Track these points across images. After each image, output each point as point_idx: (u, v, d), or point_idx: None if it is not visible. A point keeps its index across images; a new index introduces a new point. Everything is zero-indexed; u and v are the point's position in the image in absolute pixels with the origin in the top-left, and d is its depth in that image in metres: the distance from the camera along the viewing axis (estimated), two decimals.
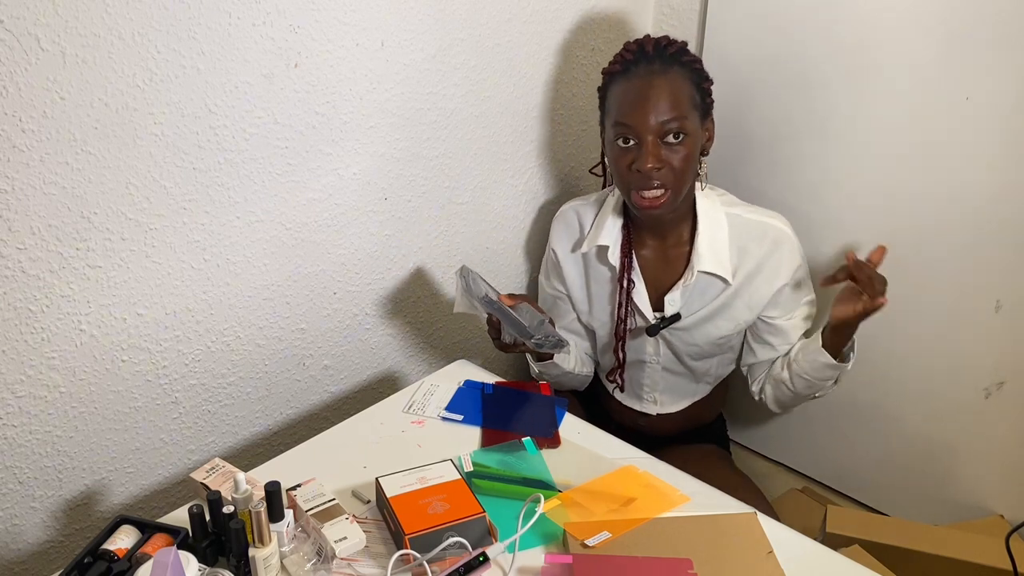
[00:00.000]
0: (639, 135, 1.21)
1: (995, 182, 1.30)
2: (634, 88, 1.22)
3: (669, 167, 1.22)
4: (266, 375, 1.32)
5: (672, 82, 1.21)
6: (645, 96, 1.20)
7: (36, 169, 0.96)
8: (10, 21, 0.89)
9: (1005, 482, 1.45)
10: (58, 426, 1.10)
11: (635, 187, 1.24)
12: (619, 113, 1.23)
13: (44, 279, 1.02)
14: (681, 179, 1.24)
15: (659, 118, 1.20)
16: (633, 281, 1.36)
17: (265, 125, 1.15)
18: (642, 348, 1.43)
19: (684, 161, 1.23)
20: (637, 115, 1.21)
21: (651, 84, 1.21)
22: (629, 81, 1.23)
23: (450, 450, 1.15)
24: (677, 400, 1.50)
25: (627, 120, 1.22)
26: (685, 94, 1.22)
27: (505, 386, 1.32)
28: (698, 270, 1.31)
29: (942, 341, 1.44)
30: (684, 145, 1.22)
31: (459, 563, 0.91)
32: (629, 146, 1.23)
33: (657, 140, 1.21)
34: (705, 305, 1.35)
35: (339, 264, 1.34)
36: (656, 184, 1.22)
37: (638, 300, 1.37)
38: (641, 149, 1.22)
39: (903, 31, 1.32)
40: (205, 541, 0.93)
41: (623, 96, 1.24)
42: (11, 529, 1.10)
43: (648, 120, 1.20)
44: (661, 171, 1.22)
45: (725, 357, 1.47)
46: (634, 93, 1.22)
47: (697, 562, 0.95)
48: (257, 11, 1.08)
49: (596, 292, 1.42)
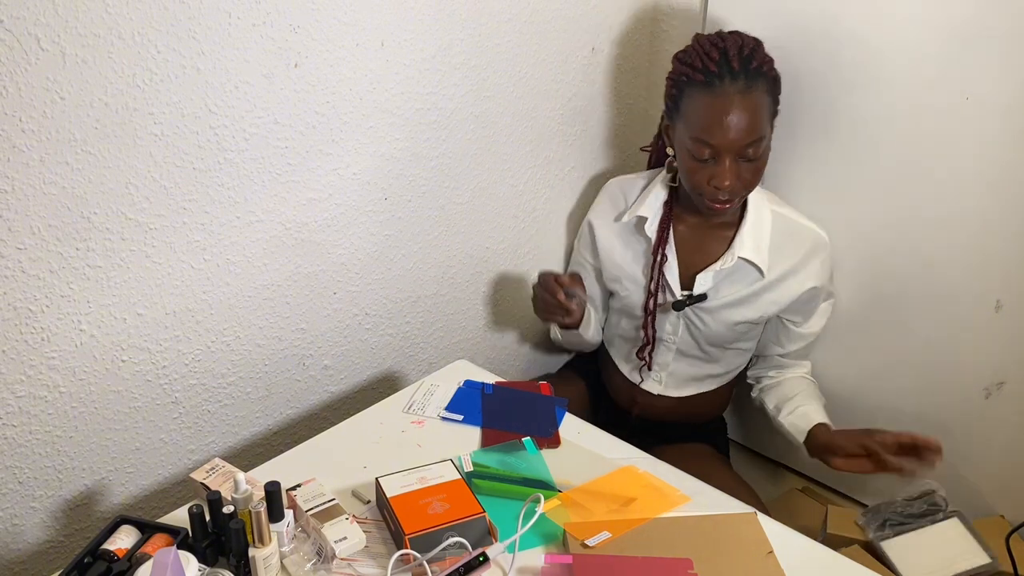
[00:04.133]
0: (718, 154, 1.24)
1: (995, 182, 1.30)
2: (717, 106, 1.21)
3: (742, 182, 1.26)
4: (266, 375, 1.32)
5: (756, 101, 1.22)
6: (729, 116, 1.21)
7: (36, 169, 0.96)
8: (10, 21, 0.89)
9: (1006, 482, 1.45)
10: (58, 426, 1.10)
11: (708, 196, 1.28)
12: (700, 129, 1.23)
13: (44, 279, 1.02)
14: (751, 188, 1.30)
15: (741, 140, 1.22)
16: (666, 256, 1.39)
17: (265, 125, 1.15)
18: (662, 325, 1.45)
19: (755, 175, 1.28)
20: (719, 136, 1.22)
21: (735, 104, 1.21)
22: (712, 97, 1.22)
23: (450, 450, 1.15)
24: (682, 385, 1.51)
25: (708, 139, 1.23)
26: (765, 111, 1.25)
27: (505, 386, 1.32)
28: (738, 256, 1.34)
29: (942, 341, 1.44)
30: (758, 161, 1.26)
31: (459, 563, 0.92)
32: (706, 160, 1.25)
33: (736, 159, 1.24)
34: (734, 292, 1.38)
35: (339, 264, 1.34)
36: (726, 198, 1.27)
37: (668, 275, 1.40)
38: (718, 165, 1.24)
39: (903, 31, 1.32)
40: (205, 541, 0.93)
41: (705, 112, 1.23)
42: (11, 529, 1.10)
43: (730, 141, 1.22)
44: (736, 187, 1.26)
45: (740, 348, 1.48)
46: (718, 112, 1.21)
47: (697, 562, 0.96)
48: (257, 11, 1.08)
49: (630, 264, 1.45)
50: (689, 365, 1.49)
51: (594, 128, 1.65)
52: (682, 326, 1.44)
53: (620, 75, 1.64)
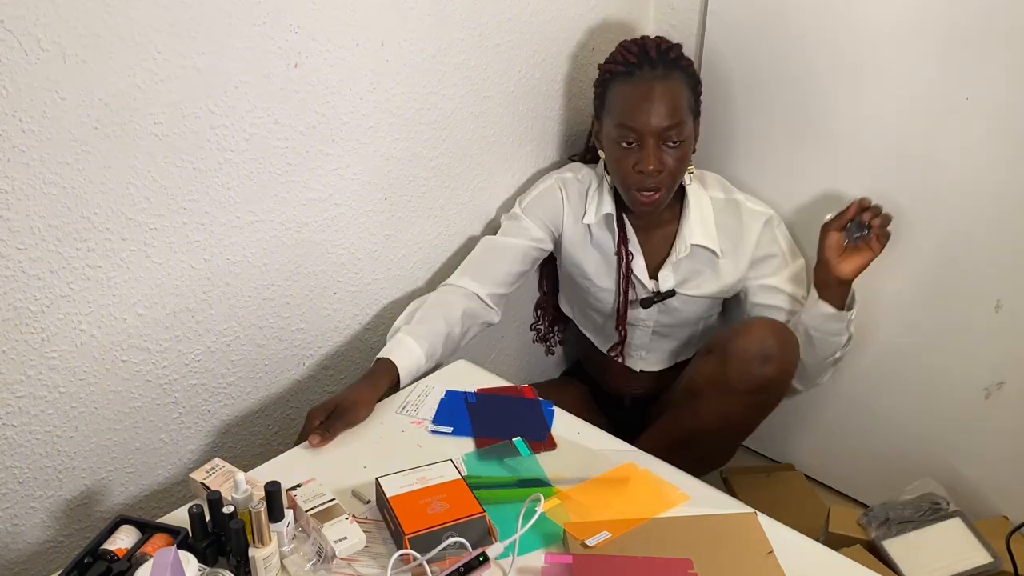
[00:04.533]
0: (641, 138, 1.30)
1: (995, 182, 1.30)
2: (639, 92, 1.29)
3: (666, 169, 1.31)
4: (266, 375, 1.32)
5: (673, 88, 1.30)
6: (649, 101, 1.28)
7: (36, 169, 0.96)
8: (10, 21, 0.89)
9: (1008, 483, 1.45)
10: (58, 426, 1.10)
11: (635, 186, 1.33)
12: (623, 115, 1.30)
13: (44, 279, 1.02)
14: (675, 179, 1.34)
15: (662, 123, 1.28)
16: (631, 253, 1.43)
17: (265, 125, 1.15)
18: (636, 313, 1.49)
19: (680, 163, 1.32)
20: (641, 119, 1.28)
21: (654, 89, 1.28)
22: (634, 85, 1.30)
23: (450, 450, 1.15)
24: (660, 361, 1.57)
25: (631, 123, 1.29)
26: (684, 99, 1.31)
27: (487, 393, 1.29)
28: (691, 243, 1.40)
29: (942, 341, 1.44)
30: (680, 148, 1.31)
31: (459, 563, 0.91)
32: (631, 147, 1.31)
33: (658, 143, 1.30)
34: (697, 276, 1.44)
35: (339, 264, 1.34)
36: (653, 185, 1.32)
37: (637, 271, 1.44)
38: (643, 151, 1.30)
39: (903, 31, 1.32)
40: (205, 541, 0.93)
41: (627, 98, 1.31)
42: (11, 529, 1.10)
43: (651, 124, 1.28)
44: (660, 174, 1.30)
45: (709, 319, 1.54)
46: (639, 97, 1.29)
47: (697, 562, 0.95)
48: (257, 11, 1.08)
49: (598, 262, 1.47)
50: (667, 343, 1.54)
51: None
52: (655, 311, 1.48)
53: None
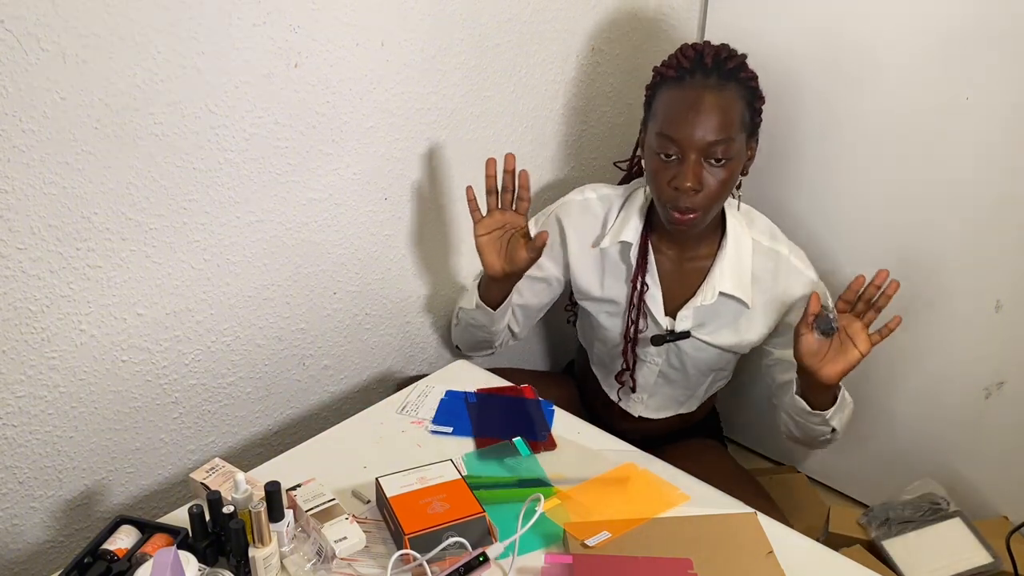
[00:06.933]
0: (682, 151, 1.16)
1: (995, 182, 1.30)
2: (685, 100, 1.16)
3: (706, 189, 1.17)
4: (266, 375, 1.32)
5: (726, 100, 1.16)
6: (696, 111, 1.14)
7: (36, 169, 0.96)
8: (10, 21, 0.89)
9: (1008, 483, 1.45)
10: (58, 426, 1.10)
11: (670, 203, 1.19)
12: (665, 124, 1.17)
13: (44, 279, 1.02)
14: (715, 202, 1.19)
15: (706, 136, 1.14)
16: (647, 284, 1.31)
17: (265, 125, 1.15)
18: (645, 349, 1.39)
19: (723, 185, 1.18)
20: (684, 130, 1.15)
21: (703, 99, 1.15)
22: (682, 91, 1.17)
23: (450, 450, 1.15)
24: (662, 408, 1.47)
25: (672, 133, 1.16)
26: (736, 114, 1.17)
27: (487, 393, 1.29)
28: (719, 290, 1.27)
29: (942, 341, 1.44)
30: (726, 168, 1.17)
31: (459, 563, 0.91)
32: (671, 160, 1.18)
33: (700, 159, 1.16)
34: (718, 324, 1.32)
35: (339, 264, 1.34)
36: (688, 205, 1.18)
37: (652, 305, 1.32)
38: (682, 166, 1.16)
39: (903, 31, 1.32)
40: (205, 541, 0.93)
41: (672, 106, 1.17)
42: (11, 529, 1.10)
43: (694, 137, 1.15)
44: (698, 194, 1.17)
45: (722, 372, 1.44)
46: (684, 106, 1.16)
47: (697, 562, 0.96)
48: (257, 11, 1.08)
49: (610, 288, 1.36)
50: (671, 390, 1.43)
51: (594, 128, 1.65)
52: (666, 351, 1.37)
53: (620, 75, 1.64)
